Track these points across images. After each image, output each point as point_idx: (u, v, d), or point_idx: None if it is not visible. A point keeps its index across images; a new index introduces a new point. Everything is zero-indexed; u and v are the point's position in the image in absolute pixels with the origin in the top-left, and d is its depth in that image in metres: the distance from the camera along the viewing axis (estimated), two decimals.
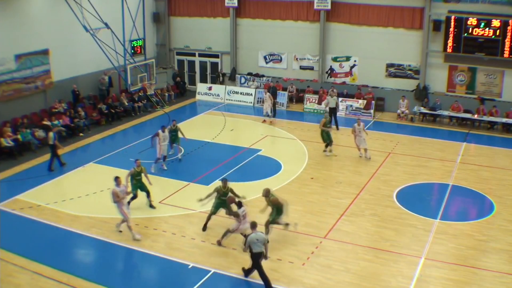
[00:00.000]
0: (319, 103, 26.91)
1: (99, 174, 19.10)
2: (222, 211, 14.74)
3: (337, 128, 24.19)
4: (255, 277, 12.61)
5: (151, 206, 16.29)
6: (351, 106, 26.80)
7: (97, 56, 24.82)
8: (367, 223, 15.41)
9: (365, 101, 26.61)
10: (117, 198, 14.12)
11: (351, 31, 27.74)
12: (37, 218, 15.70)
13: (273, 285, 12.20)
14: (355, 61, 28.20)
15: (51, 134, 19.45)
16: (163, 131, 19.16)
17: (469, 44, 24.84)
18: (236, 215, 13.67)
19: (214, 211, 14.73)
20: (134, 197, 15.95)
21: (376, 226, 15.23)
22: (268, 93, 25.59)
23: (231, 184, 14.86)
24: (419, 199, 17.04)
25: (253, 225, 12.30)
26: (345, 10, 27.61)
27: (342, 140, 22.83)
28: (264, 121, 25.56)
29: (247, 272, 12.66)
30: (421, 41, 26.27)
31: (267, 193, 14.18)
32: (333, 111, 24.38)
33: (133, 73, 25.79)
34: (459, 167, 19.84)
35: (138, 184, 15.97)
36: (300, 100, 28.46)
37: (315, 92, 27.92)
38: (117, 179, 14.41)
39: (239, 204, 13.63)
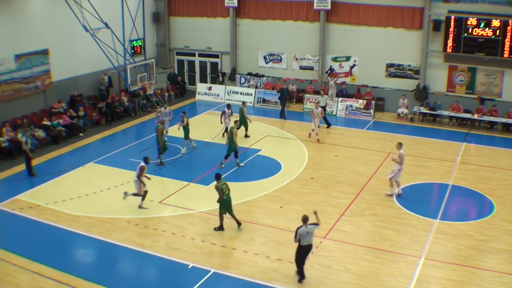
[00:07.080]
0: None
1: (99, 174, 19.09)
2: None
3: (328, 126, 24.51)
4: (255, 277, 12.62)
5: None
6: (351, 106, 26.78)
7: (97, 56, 24.80)
8: (367, 223, 15.41)
9: (365, 101, 26.57)
10: None
11: (351, 31, 27.74)
12: (37, 218, 15.69)
13: (273, 285, 12.21)
14: (355, 61, 28.19)
15: (24, 138, 18.72)
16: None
17: (469, 44, 24.83)
18: None
19: None
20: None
21: (376, 226, 15.23)
22: (320, 108, 23.02)
23: (231, 184, 14.80)
24: (419, 199, 17.03)
25: (305, 219, 12.21)
26: (345, 10, 27.60)
27: (342, 140, 22.83)
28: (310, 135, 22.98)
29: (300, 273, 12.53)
30: (421, 41, 26.26)
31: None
32: (323, 109, 24.55)
33: (133, 73, 25.78)
34: (459, 167, 19.83)
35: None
36: (300, 100, 28.45)
37: (315, 92, 27.91)
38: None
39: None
